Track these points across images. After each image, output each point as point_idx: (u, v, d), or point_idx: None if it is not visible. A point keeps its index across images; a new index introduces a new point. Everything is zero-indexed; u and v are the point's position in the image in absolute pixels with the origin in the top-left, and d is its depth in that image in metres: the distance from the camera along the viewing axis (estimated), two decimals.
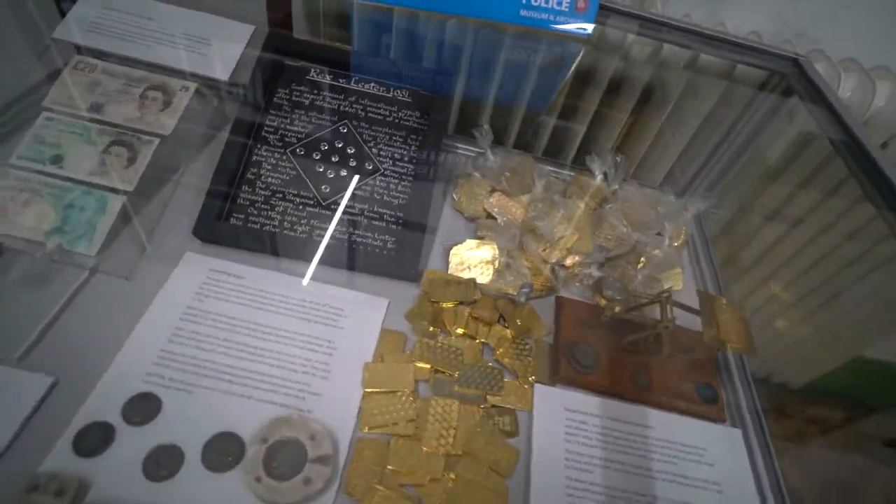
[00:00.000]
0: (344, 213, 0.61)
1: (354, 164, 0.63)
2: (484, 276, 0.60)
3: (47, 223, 0.55)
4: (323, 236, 0.59)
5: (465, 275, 0.60)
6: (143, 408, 0.45)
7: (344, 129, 0.65)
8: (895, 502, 0.92)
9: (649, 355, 0.55)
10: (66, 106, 0.61)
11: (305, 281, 0.57)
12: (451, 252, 0.61)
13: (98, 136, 0.60)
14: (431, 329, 0.55)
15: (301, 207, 0.60)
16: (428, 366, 0.52)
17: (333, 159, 0.63)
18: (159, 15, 0.67)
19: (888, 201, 0.49)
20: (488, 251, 0.61)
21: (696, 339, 0.59)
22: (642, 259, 0.65)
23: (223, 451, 0.44)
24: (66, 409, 0.44)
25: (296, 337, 0.52)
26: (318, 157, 0.63)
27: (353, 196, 0.62)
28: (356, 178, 0.62)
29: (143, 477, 0.42)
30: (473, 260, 0.61)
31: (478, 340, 0.55)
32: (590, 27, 0.57)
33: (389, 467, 0.45)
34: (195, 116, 0.63)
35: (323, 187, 0.61)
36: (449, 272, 0.60)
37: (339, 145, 0.64)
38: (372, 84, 0.68)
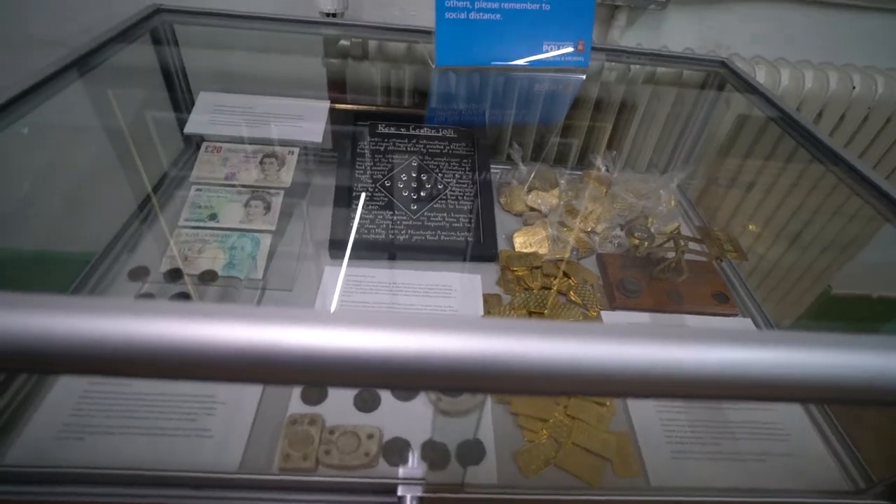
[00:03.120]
0: (430, 221, 0.81)
1: (429, 186, 0.84)
2: (543, 248, 0.81)
3: (220, 261, 0.73)
4: (420, 239, 0.79)
5: (529, 250, 0.80)
6: None
7: (415, 163, 0.86)
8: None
9: (675, 278, 0.76)
10: (208, 178, 0.80)
11: (418, 271, 0.76)
12: (514, 236, 0.82)
13: (238, 196, 0.79)
14: (517, 288, 0.75)
15: (399, 222, 0.80)
16: (525, 311, 0.71)
17: (413, 185, 0.84)
18: (257, 104, 0.88)
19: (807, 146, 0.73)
20: (541, 231, 0.82)
21: (704, 266, 0.81)
22: (649, 219, 0.87)
23: None
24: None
25: (426, 308, 0.71)
26: (401, 186, 0.83)
27: (433, 209, 0.82)
28: (432, 196, 0.83)
29: (354, 409, 0.59)
30: (532, 238, 0.81)
31: (552, 289, 0.75)
32: (587, 61, 0.82)
33: None
34: (303, 171, 0.84)
35: (411, 206, 0.82)
36: (517, 250, 0.81)
37: (414, 175, 0.85)
38: (424, 128, 0.90)
